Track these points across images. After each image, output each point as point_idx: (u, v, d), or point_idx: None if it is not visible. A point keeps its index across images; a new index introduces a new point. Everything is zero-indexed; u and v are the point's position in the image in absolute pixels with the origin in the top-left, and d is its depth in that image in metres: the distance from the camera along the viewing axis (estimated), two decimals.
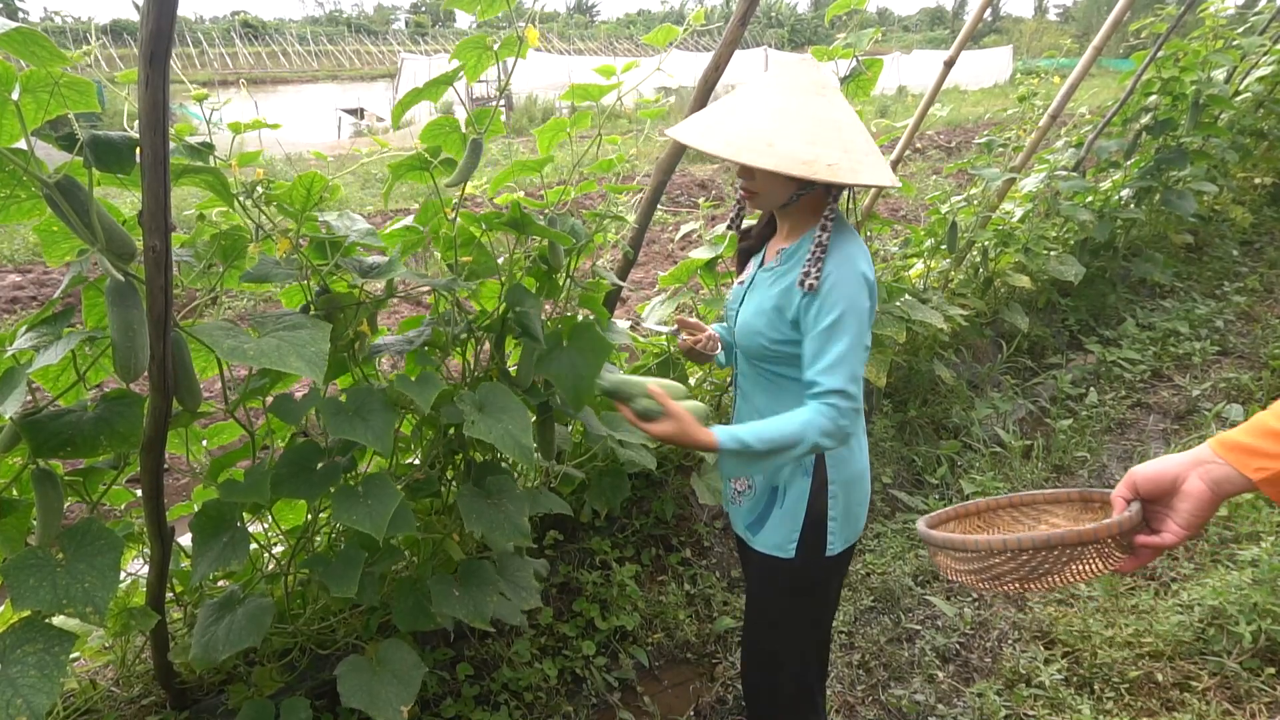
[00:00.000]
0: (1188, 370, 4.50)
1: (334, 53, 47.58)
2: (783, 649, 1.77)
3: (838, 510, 1.63)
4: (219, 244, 1.53)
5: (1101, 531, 1.04)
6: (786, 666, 1.78)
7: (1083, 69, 4.06)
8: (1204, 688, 2.32)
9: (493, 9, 1.62)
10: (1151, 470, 1.05)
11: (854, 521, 1.67)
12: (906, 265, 4.10)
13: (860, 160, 1.41)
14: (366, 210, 9.64)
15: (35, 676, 1.16)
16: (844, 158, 1.40)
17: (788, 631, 1.75)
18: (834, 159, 1.39)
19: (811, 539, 1.63)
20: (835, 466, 1.61)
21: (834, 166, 1.38)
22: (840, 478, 1.62)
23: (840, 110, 1.47)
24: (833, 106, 1.46)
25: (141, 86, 1.07)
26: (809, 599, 1.72)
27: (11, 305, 6.24)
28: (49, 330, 1.33)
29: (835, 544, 1.65)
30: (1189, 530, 1.03)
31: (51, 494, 1.34)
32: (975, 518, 1.33)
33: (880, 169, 1.45)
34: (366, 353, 1.75)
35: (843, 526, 1.65)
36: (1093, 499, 1.25)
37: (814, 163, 1.38)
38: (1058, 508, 1.29)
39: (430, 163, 1.70)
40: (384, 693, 1.63)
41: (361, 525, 1.47)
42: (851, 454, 1.64)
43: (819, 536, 1.63)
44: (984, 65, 27.45)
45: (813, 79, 1.48)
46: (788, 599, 1.72)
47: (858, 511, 1.67)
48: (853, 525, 1.67)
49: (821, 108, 1.45)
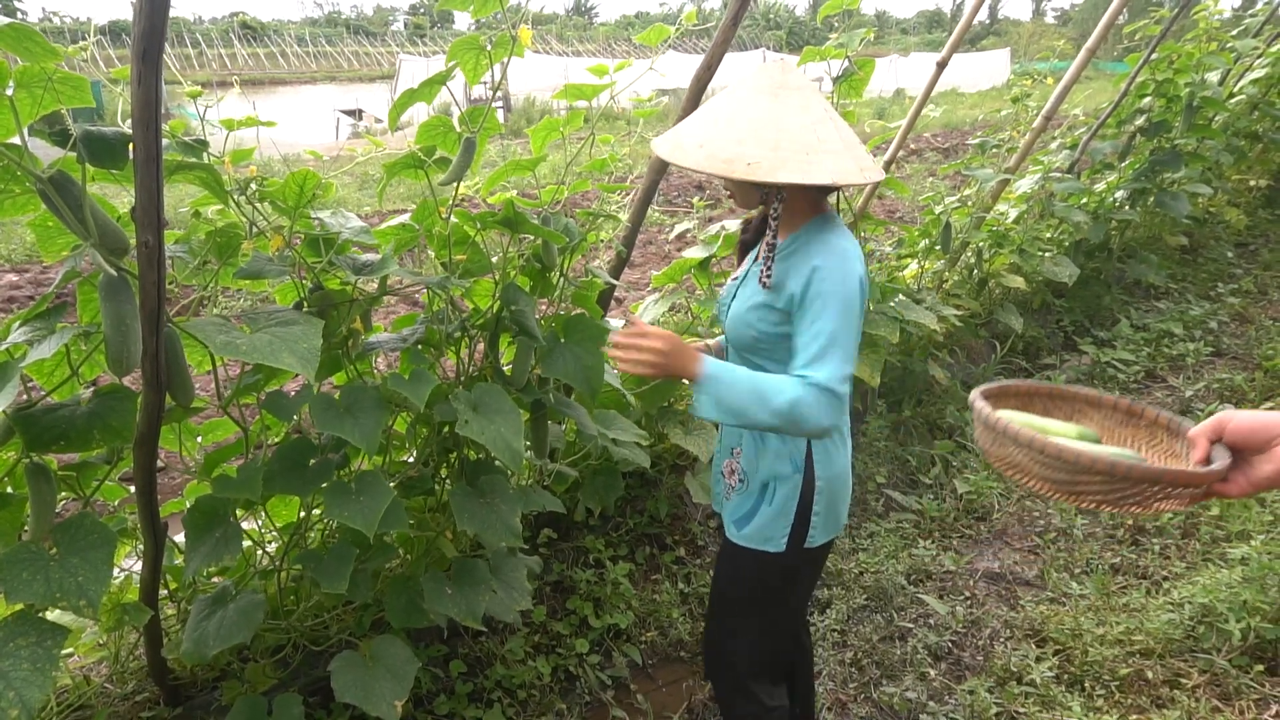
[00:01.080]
0: (1181, 371, 4.52)
1: (332, 54, 47.58)
2: (740, 639, 1.81)
3: (822, 505, 1.66)
4: (213, 241, 1.54)
5: (1209, 477, 0.99)
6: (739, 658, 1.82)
7: (1076, 71, 4.08)
8: (1194, 685, 2.33)
9: (487, 8, 1.63)
10: (1249, 421, 1.01)
11: (836, 517, 1.71)
12: (901, 266, 4.11)
13: (787, 158, 1.41)
14: (364, 211, 9.64)
15: (28, 670, 1.17)
16: (769, 156, 1.41)
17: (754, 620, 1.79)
18: (756, 158, 1.41)
19: (799, 533, 1.66)
20: (823, 463, 1.65)
21: (753, 165, 1.41)
22: (827, 474, 1.66)
23: (790, 110, 1.47)
24: (782, 106, 1.47)
25: (134, 83, 1.08)
26: (784, 588, 1.76)
27: (8, 304, 6.24)
28: (43, 325, 1.34)
29: (817, 537, 1.68)
30: (1255, 490, 1.00)
31: (45, 488, 1.35)
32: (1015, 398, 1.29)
33: (807, 167, 1.40)
34: (360, 350, 1.76)
35: (825, 520, 1.68)
36: (1139, 414, 1.20)
37: (734, 161, 1.42)
38: (1095, 410, 1.25)
39: (424, 161, 1.71)
40: (378, 688, 1.63)
41: (353, 522, 1.48)
42: (838, 450, 1.68)
43: (804, 530, 1.67)
44: (981, 68, 27.49)
45: (771, 80, 1.50)
46: (761, 590, 1.75)
47: (840, 508, 1.71)
48: (835, 520, 1.71)
49: (765, 108, 1.47)
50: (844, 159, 1.45)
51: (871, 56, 2.72)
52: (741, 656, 1.81)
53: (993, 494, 3.42)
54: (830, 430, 1.45)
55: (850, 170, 1.44)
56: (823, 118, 1.48)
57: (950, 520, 3.29)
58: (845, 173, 1.44)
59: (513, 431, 1.67)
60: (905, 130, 3.40)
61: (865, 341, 3.37)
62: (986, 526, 3.28)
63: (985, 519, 3.32)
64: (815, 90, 1.53)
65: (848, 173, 1.44)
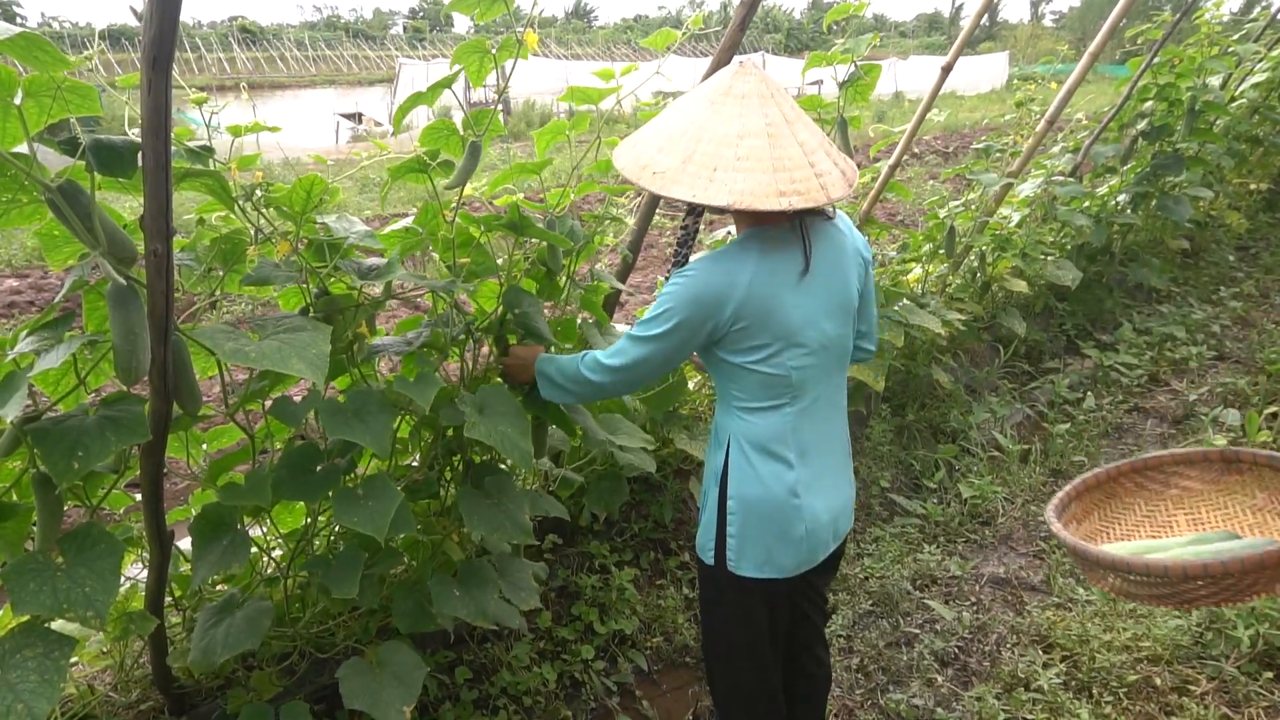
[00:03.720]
0: (1184, 375, 4.51)
1: (332, 58, 47.61)
2: (711, 657, 1.81)
3: (735, 529, 1.60)
4: (219, 248, 1.53)
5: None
6: (716, 674, 1.82)
7: (1079, 75, 4.08)
8: (1202, 692, 2.32)
9: (491, 11, 1.63)
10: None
11: (763, 549, 1.59)
12: (904, 270, 4.11)
13: (693, 173, 1.36)
14: (365, 214, 9.64)
15: (35, 681, 1.16)
16: (674, 167, 1.38)
17: (715, 642, 1.78)
18: (663, 167, 1.38)
19: (720, 552, 1.64)
20: (735, 482, 1.59)
21: (658, 174, 1.39)
22: (739, 494, 1.58)
23: (722, 119, 1.39)
24: (714, 116, 1.40)
25: (144, 91, 1.07)
26: (727, 612, 1.71)
27: (9, 309, 6.23)
28: (50, 334, 1.33)
29: (738, 563, 1.61)
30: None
31: (51, 498, 1.34)
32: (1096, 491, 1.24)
33: (707, 185, 1.35)
34: (365, 354, 1.75)
35: (743, 546, 1.60)
36: (1239, 459, 1.14)
37: (645, 168, 1.42)
38: (1190, 469, 1.18)
39: (429, 165, 1.71)
40: (386, 694, 1.63)
41: (363, 527, 1.47)
42: (755, 475, 1.57)
43: (723, 550, 1.63)
44: (980, 71, 27.52)
45: (717, 87, 1.44)
46: (711, 606, 1.75)
47: (769, 542, 1.58)
48: (762, 553, 1.59)
49: (695, 117, 1.42)
50: (760, 180, 1.35)
51: (871, 59, 2.71)
52: (717, 672, 1.81)
53: (997, 498, 3.42)
54: (588, 388, 1.66)
55: (759, 193, 1.34)
56: (756, 130, 1.38)
57: (955, 525, 3.28)
58: (751, 196, 1.33)
59: (520, 432, 1.67)
60: (910, 135, 3.40)
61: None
62: (991, 531, 3.27)
63: (990, 523, 3.32)
64: (766, 98, 1.41)
65: (756, 197, 1.33)
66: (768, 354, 1.50)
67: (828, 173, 1.42)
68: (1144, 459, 1.19)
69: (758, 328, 1.47)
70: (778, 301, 1.47)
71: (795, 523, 1.58)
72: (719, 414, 1.66)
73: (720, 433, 1.65)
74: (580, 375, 1.66)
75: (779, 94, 1.44)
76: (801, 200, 1.36)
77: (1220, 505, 1.17)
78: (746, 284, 1.45)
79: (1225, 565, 0.91)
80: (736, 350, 1.51)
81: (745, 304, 1.46)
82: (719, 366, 1.58)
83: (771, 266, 1.47)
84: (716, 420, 1.68)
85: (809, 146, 1.42)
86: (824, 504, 1.63)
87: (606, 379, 1.63)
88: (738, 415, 1.59)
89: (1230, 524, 1.12)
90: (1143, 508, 1.25)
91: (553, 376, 1.73)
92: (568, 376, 1.70)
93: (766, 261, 1.47)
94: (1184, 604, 1.01)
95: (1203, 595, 0.98)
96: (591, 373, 1.64)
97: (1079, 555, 1.08)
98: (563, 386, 1.72)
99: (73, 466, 1.23)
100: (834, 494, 1.67)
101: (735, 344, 1.50)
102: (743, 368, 1.53)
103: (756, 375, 1.53)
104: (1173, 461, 1.20)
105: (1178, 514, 1.19)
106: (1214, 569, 0.92)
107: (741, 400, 1.58)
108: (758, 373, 1.52)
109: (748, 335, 1.48)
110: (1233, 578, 0.92)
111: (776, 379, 1.52)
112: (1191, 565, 0.94)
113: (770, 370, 1.51)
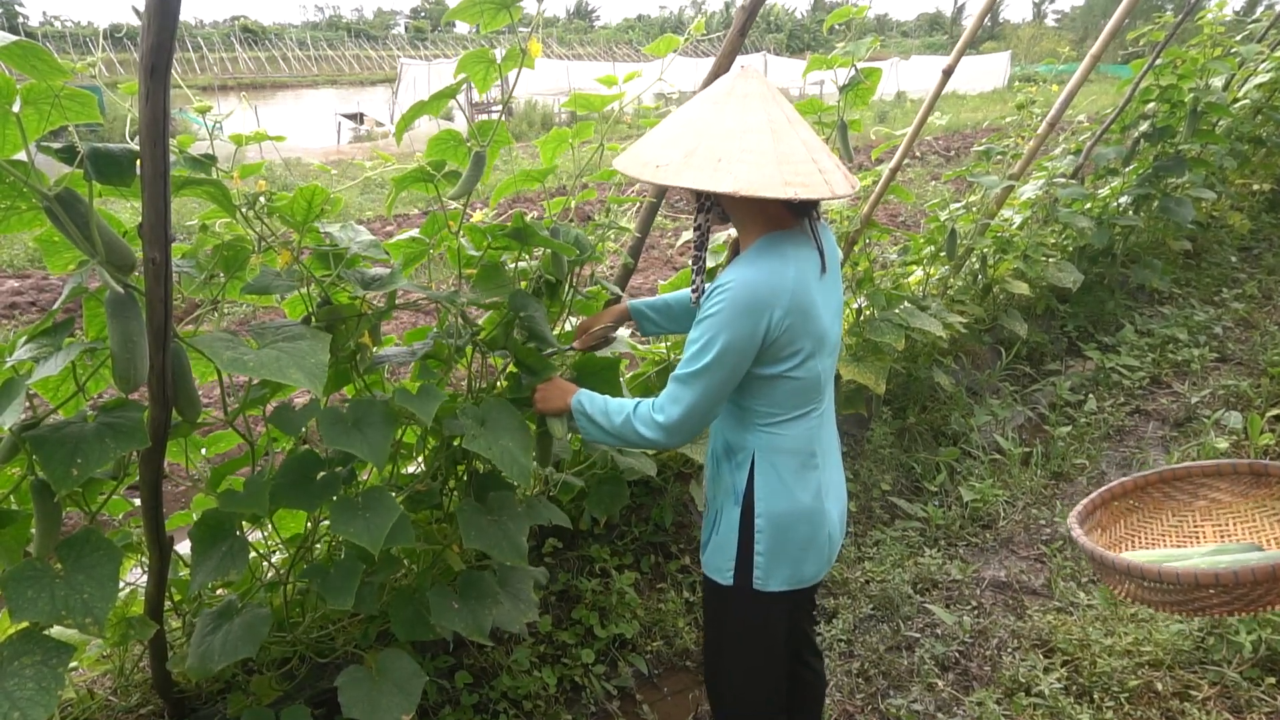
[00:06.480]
0: (1186, 377, 4.51)
1: (333, 58, 47.63)
2: (722, 678, 1.76)
3: (764, 546, 1.56)
4: (221, 255, 1.53)
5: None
6: (725, 697, 1.77)
7: (1081, 76, 4.07)
8: (1204, 697, 2.32)
9: (495, 22, 1.62)
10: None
11: (793, 563, 1.58)
12: (906, 272, 4.10)
13: (698, 164, 1.35)
14: (366, 215, 9.64)
15: (33, 689, 1.16)
16: (678, 161, 1.37)
17: (725, 663, 1.73)
18: (666, 161, 1.38)
19: (744, 571, 1.59)
20: (765, 499, 1.55)
21: (661, 168, 1.38)
22: (769, 511, 1.55)
23: (725, 116, 1.40)
24: (717, 114, 1.41)
25: (142, 100, 1.07)
26: (743, 632, 1.67)
27: (10, 310, 6.24)
28: (49, 341, 1.33)
29: (766, 581, 1.58)
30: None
31: (49, 505, 1.34)
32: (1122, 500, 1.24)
33: (713, 174, 1.34)
34: (369, 364, 1.75)
35: (774, 564, 1.57)
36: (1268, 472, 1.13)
37: (647, 164, 1.41)
38: (1220, 481, 1.18)
39: (434, 176, 1.70)
40: (385, 703, 1.62)
41: (359, 539, 1.47)
42: (785, 489, 1.55)
43: (748, 570, 1.58)
44: (982, 71, 27.50)
45: (721, 89, 1.46)
46: (728, 627, 1.70)
47: (797, 554, 1.57)
48: (791, 567, 1.58)
49: (699, 116, 1.43)
50: (765, 171, 1.34)
51: (873, 60, 2.70)
52: (727, 695, 1.77)
53: (998, 502, 3.41)
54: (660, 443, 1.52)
55: (764, 183, 1.33)
56: (759, 127, 1.38)
57: (956, 528, 3.27)
58: (756, 184, 1.32)
59: (521, 447, 1.65)
60: (912, 136, 3.39)
61: (870, 349, 3.37)
62: (992, 534, 3.26)
63: (991, 527, 3.31)
64: (768, 99, 1.43)
65: (760, 185, 1.32)
66: (803, 358, 1.47)
67: (831, 170, 1.42)
68: (1172, 469, 1.20)
69: (799, 329, 1.44)
70: (811, 300, 1.46)
71: (820, 529, 1.58)
72: (734, 433, 1.60)
73: (738, 452, 1.59)
74: (633, 430, 1.54)
75: (779, 97, 1.46)
76: (806, 191, 1.35)
77: (1248, 518, 1.18)
78: (793, 280, 1.43)
79: (1236, 575, 0.93)
80: (776, 359, 1.46)
81: (792, 302, 1.42)
82: (744, 385, 1.52)
83: (800, 265, 1.46)
84: (729, 440, 1.62)
85: (811, 145, 1.43)
86: (835, 506, 1.64)
87: (663, 437, 1.51)
88: (762, 431, 1.54)
89: (1257, 537, 1.13)
90: (1170, 518, 1.25)
91: (598, 421, 1.60)
92: (616, 428, 1.57)
93: (796, 260, 1.45)
94: (1198, 612, 1.02)
95: (1215, 604, 0.99)
96: (647, 429, 1.52)
97: (1096, 561, 1.09)
98: (607, 431, 1.59)
99: (71, 474, 1.23)
100: (840, 495, 1.68)
101: (777, 352, 1.45)
102: (777, 378, 1.48)
103: (789, 384, 1.49)
104: (1201, 473, 1.20)
105: (1205, 525, 1.19)
106: (1225, 578, 0.94)
107: (768, 415, 1.53)
108: (791, 380, 1.48)
109: (790, 339, 1.44)
110: (1244, 587, 0.94)
111: (806, 385, 1.50)
112: (1203, 574, 0.96)
113: (802, 375, 1.48)
